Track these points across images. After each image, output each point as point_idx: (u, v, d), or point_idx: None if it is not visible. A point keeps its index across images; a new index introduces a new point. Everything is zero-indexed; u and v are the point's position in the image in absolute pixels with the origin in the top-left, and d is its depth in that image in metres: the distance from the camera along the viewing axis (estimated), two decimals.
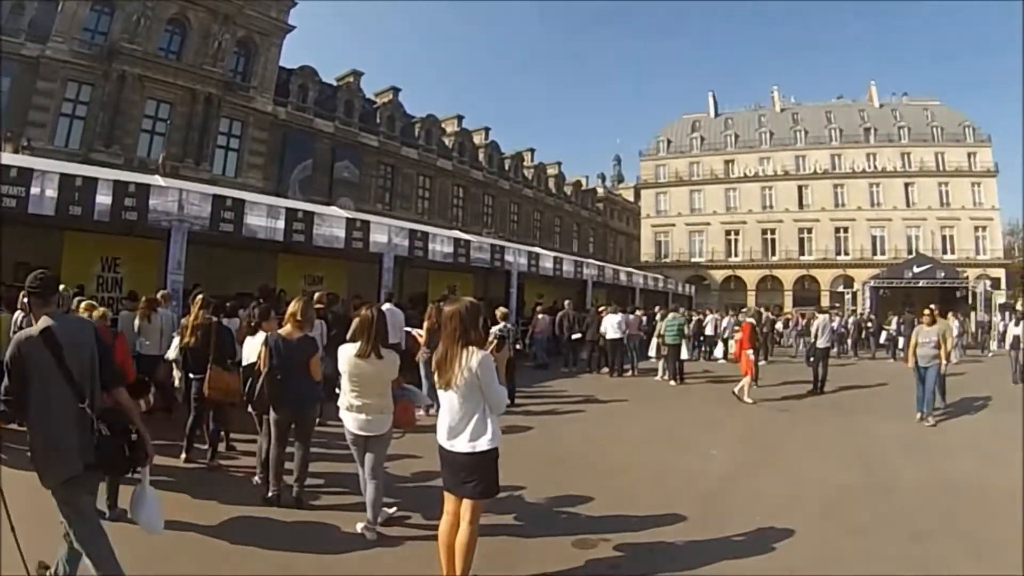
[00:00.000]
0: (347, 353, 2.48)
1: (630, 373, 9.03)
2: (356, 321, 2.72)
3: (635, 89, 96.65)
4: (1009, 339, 7.59)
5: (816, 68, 73.76)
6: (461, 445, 1.86)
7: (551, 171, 32.19)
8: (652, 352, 9.11)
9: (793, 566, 2.25)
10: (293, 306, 2.98)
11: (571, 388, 7.31)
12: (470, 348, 1.87)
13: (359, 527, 2.50)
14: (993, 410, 5.83)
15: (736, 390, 6.24)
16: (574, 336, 9.60)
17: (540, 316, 9.72)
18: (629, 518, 2.63)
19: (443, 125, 25.44)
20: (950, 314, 11.66)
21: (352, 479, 2.73)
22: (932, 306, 5.60)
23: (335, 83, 21.14)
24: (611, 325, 8.82)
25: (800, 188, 32.07)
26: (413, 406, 2.82)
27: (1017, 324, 7.48)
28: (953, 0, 62.18)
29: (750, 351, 6.08)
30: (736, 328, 9.32)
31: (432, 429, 2.12)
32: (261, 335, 3.14)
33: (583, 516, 2.62)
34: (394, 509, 2.72)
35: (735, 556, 2.34)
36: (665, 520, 2.65)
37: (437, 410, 2.08)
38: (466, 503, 1.88)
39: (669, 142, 34.17)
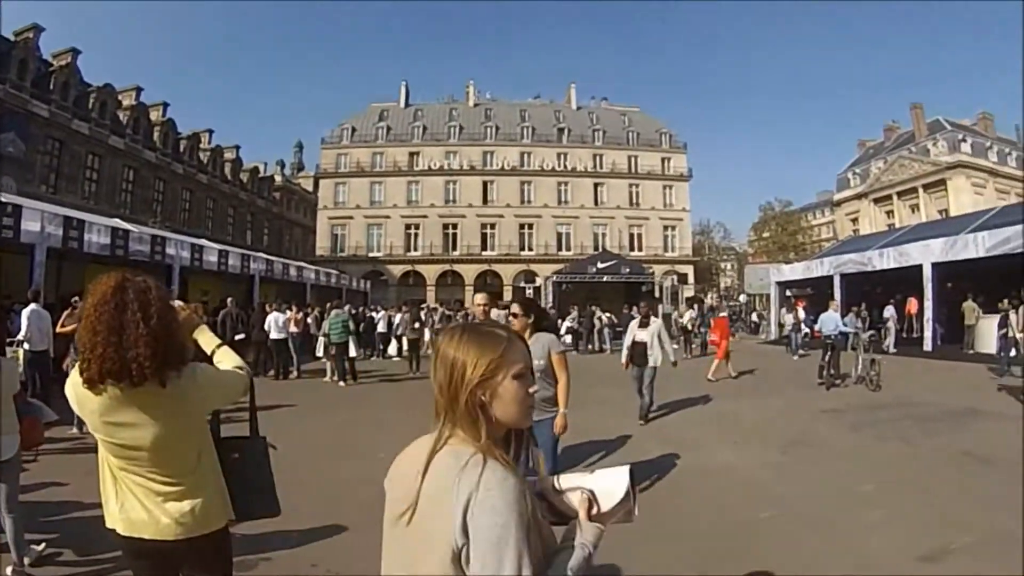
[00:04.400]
0: None
1: (294, 375, 13.64)
2: None
3: (326, 72, 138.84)
4: (627, 343, 8.63)
5: (519, 68, 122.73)
6: None
7: (228, 155, 47.37)
8: (320, 351, 13.71)
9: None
10: None
11: None
12: None
13: (8, 571, 3.54)
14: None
15: (711, 374, 12.56)
16: (238, 337, 13.49)
17: None
18: (291, 533, 4.05)
19: (120, 97, 35.07)
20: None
21: None
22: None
23: (13, 39, 27.64)
24: (275, 324, 13.40)
25: (485, 183, 49.88)
26: (41, 423, 4.03)
27: (644, 326, 8.36)
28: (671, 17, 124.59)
29: (719, 339, 13.10)
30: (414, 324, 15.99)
31: (74, 450, 3.63)
32: None
33: (239, 535, 3.40)
34: (43, 546, 3.87)
35: None
36: (327, 532, 4.24)
37: (80, 428, 3.33)
38: None
39: (354, 130, 51.39)
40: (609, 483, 1.39)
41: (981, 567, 3.83)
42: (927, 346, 18.06)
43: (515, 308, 4.43)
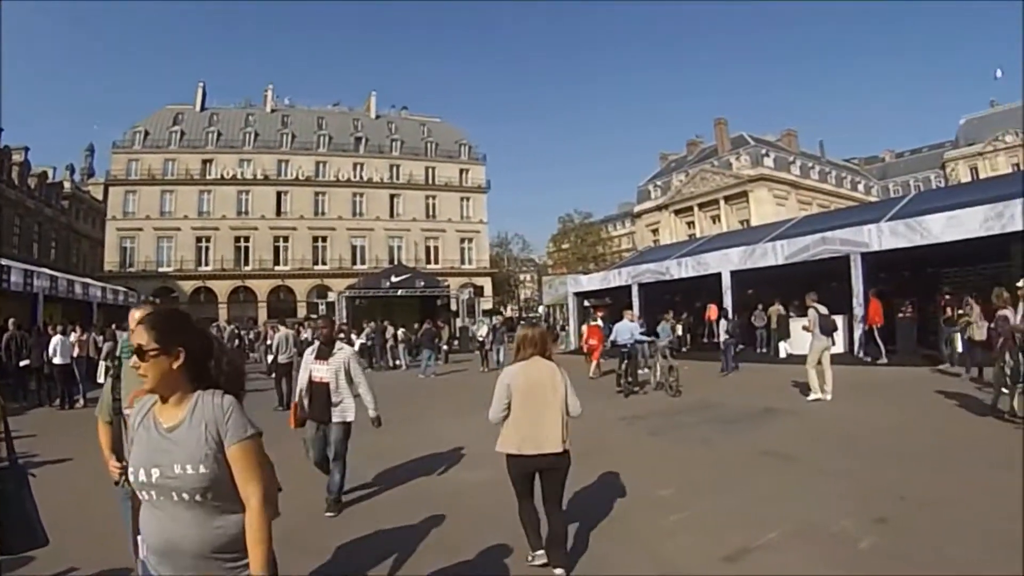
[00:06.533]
0: None
1: (80, 403, 14.00)
2: None
3: (124, 68, 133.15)
4: (301, 384, 6.90)
5: (325, 72, 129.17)
6: None
7: (16, 157, 49.73)
8: (100, 378, 13.65)
9: None
10: None
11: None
12: None
13: None
14: None
15: (591, 373, 16.26)
16: (23, 363, 13.96)
17: None
18: None
19: None
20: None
21: None
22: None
23: None
24: (59, 348, 13.59)
25: (279, 194, 54.40)
26: None
27: (324, 356, 6.26)
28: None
29: (596, 343, 16.90)
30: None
31: None
32: None
33: None
34: None
35: None
36: None
37: None
38: None
39: (147, 134, 54.53)
40: None
41: (786, 562, 4.14)
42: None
43: (139, 333, 2.05)
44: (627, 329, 14.04)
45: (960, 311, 12.93)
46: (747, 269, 19.92)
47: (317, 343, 6.35)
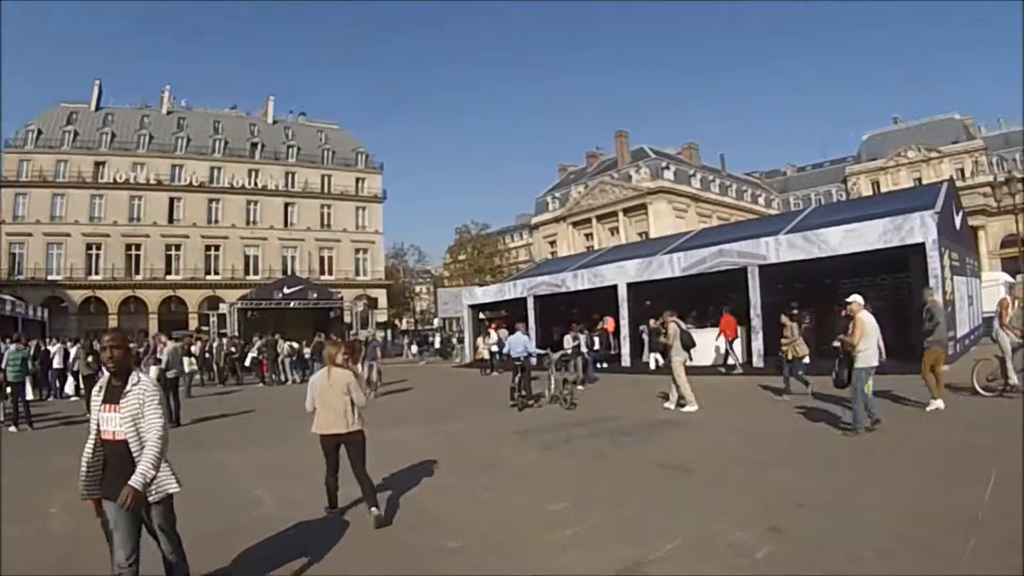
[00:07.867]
0: None
1: None
2: None
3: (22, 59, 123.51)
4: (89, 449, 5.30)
5: (224, 74, 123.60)
6: None
7: None
8: None
9: None
10: None
11: None
12: None
13: None
14: None
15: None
16: None
17: None
18: None
19: None
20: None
21: None
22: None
23: None
24: None
25: (172, 200, 54.62)
26: None
27: (113, 400, 4.90)
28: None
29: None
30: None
31: None
32: None
33: None
34: None
35: None
36: None
37: None
38: None
39: (40, 133, 53.51)
40: None
41: (682, 573, 4.16)
42: (624, 362, 20.82)
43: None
44: (520, 342, 13.87)
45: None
46: (644, 281, 20.29)
47: (105, 376, 3.97)
